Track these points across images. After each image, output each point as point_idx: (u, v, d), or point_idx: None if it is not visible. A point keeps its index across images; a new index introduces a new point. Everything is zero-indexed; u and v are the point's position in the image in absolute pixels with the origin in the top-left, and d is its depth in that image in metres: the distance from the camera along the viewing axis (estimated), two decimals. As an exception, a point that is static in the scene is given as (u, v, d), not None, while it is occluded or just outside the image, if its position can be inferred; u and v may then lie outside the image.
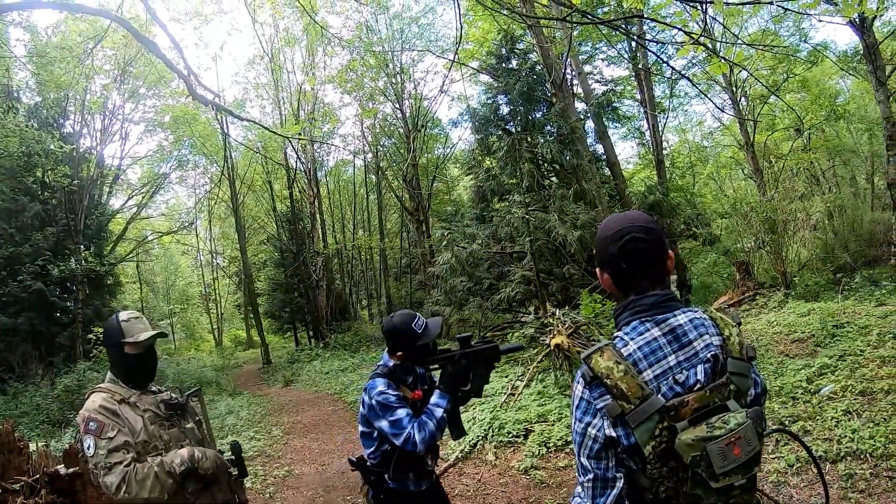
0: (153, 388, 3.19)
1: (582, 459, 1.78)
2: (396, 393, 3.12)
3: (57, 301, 19.40)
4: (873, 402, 5.80)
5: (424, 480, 3.30)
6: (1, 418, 9.34)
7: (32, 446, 5.29)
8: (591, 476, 1.75)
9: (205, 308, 44.79)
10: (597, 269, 2.01)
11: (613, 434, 1.71)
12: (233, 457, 3.21)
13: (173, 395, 3.22)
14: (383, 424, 3.04)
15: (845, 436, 5.25)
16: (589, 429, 1.76)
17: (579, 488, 1.79)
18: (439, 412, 3.00)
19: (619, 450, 1.73)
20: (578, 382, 1.81)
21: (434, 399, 3.06)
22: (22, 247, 18.57)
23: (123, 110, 24.69)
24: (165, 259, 42.50)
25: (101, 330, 16.67)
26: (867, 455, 5.05)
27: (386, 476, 3.18)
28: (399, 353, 3.28)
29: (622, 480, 1.73)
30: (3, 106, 15.70)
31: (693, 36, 6.29)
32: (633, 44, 19.96)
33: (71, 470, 4.88)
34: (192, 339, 44.80)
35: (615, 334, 1.89)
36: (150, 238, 33.13)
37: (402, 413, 3.04)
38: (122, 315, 3.12)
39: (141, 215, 29.78)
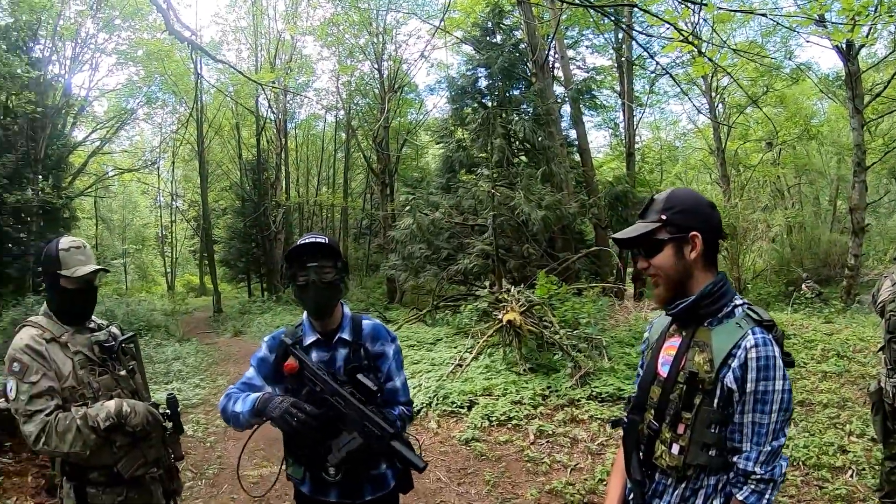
0: (91, 325, 2.94)
1: (780, 424, 1.76)
2: (265, 355, 2.59)
3: (10, 231, 18.87)
4: (811, 413, 6.03)
5: (328, 490, 2.50)
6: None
7: (-28, 379, 5.16)
8: (783, 442, 1.77)
9: (160, 250, 44.12)
10: (693, 234, 1.88)
11: None
12: (168, 411, 2.93)
13: (112, 333, 2.96)
14: None
15: (781, 443, 5.43)
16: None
17: (760, 454, 1.75)
18: (238, 408, 2.43)
19: None
20: (773, 345, 1.78)
21: (251, 396, 2.43)
22: (-23, 173, 17.97)
23: (96, 40, 23.78)
24: (124, 197, 41.58)
25: (42, 266, 16.07)
26: (800, 463, 5.30)
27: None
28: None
29: None
30: (-28, 25, 15.17)
31: (683, 34, 6.33)
32: (620, 35, 20.03)
33: (11, 406, 4.83)
34: (144, 280, 44.16)
35: (737, 301, 1.91)
36: (110, 174, 32.26)
37: (247, 373, 2.61)
38: (63, 242, 2.84)
39: (104, 150, 28.93)
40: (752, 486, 1.74)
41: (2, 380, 3.92)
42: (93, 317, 3.02)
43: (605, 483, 5.17)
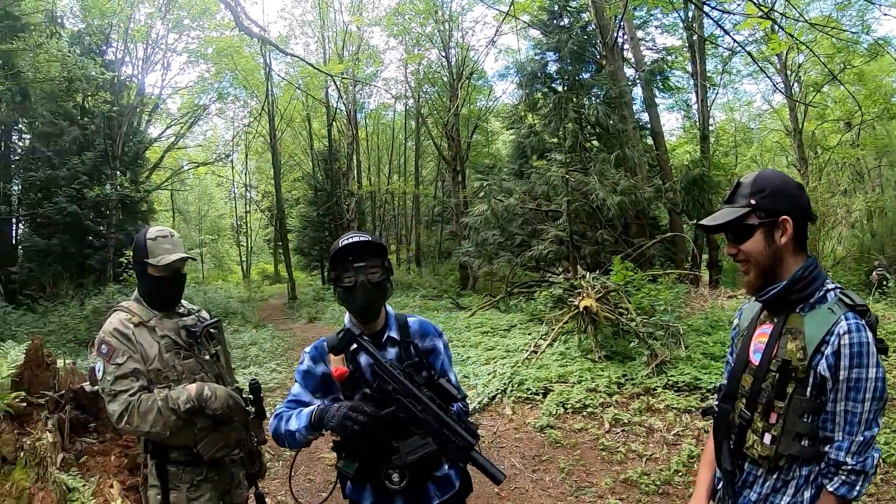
0: (181, 310, 3.06)
1: (873, 413, 1.71)
2: (308, 367, 2.45)
3: (90, 225, 19.76)
4: (892, 409, 5.75)
5: (392, 500, 2.31)
6: (31, 335, 9.62)
7: (60, 363, 5.38)
8: (876, 432, 1.73)
9: (235, 240, 45.34)
10: (783, 218, 1.84)
11: None
12: (251, 396, 3.00)
13: (201, 318, 3.09)
14: None
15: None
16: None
17: (852, 444, 1.71)
18: (293, 426, 2.25)
19: None
20: (866, 331, 1.73)
21: (305, 411, 2.27)
22: (59, 170, 18.82)
23: (166, 40, 24.58)
24: (199, 189, 42.82)
25: (132, 255, 16.82)
26: (881, 460, 5.01)
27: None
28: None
29: None
30: (47, 31, 15.74)
31: (763, 8, 6.11)
32: (690, 13, 19.46)
33: (96, 388, 4.94)
34: (220, 269, 45.41)
35: (829, 286, 1.86)
36: (185, 168, 33.27)
37: (293, 390, 2.44)
38: (151, 232, 2.95)
39: (178, 145, 29.84)
40: (843, 477, 1.70)
41: (92, 362, 4.07)
42: (184, 302, 3.12)
43: (680, 474, 5.09)
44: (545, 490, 5.23)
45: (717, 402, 2.07)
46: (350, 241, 2.29)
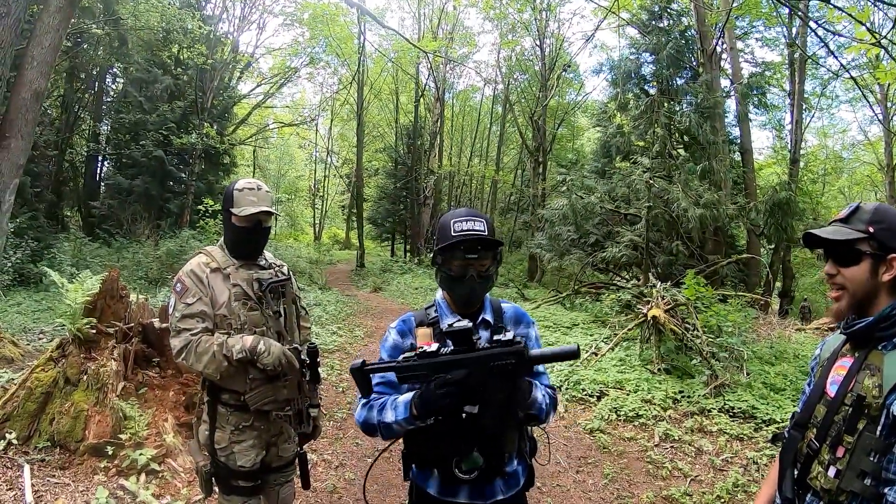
0: (262, 262, 3.13)
1: None
2: (395, 341, 2.31)
3: (173, 170, 20.48)
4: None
5: (457, 490, 2.20)
6: (105, 267, 10.00)
7: (133, 297, 5.59)
8: None
9: (310, 202, 45.98)
10: (893, 256, 1.79)
11: None
12: (307, 359, 3.02)
13: (281, 274, 3.15)
14: None
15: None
16: None
17: None
18: (389, 417, 2.07)
19: None
20: None
21: (401, 399, 2.09)
22: (149, 115, 19.50)
23: (265, 1, 25.09)
24: (282, 149, 43.64)
25: (210, 202, 17.77)
26: None
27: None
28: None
29: None
30: (147, -19, 16.18)
31: (875, 35, 5.93)
32: (794, 29, 18.84)
33: (164, 325, 5.19)
34: (293, 229, 46.26)
35: None
36: (270, 126, 33.89)
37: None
38: (239, 183, 3.04)
39: (266, 104, 30.43)
40: None
41: (164, 299, 4.22)
42: (268, 255, 3.25)
43: (722, 500, 5.04)
44: (586, 493, 5.25)
45: (788, 429, 2.06)
46: (468, 230, 2.15)
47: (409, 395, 2.05)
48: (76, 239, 15.62)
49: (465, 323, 1.90)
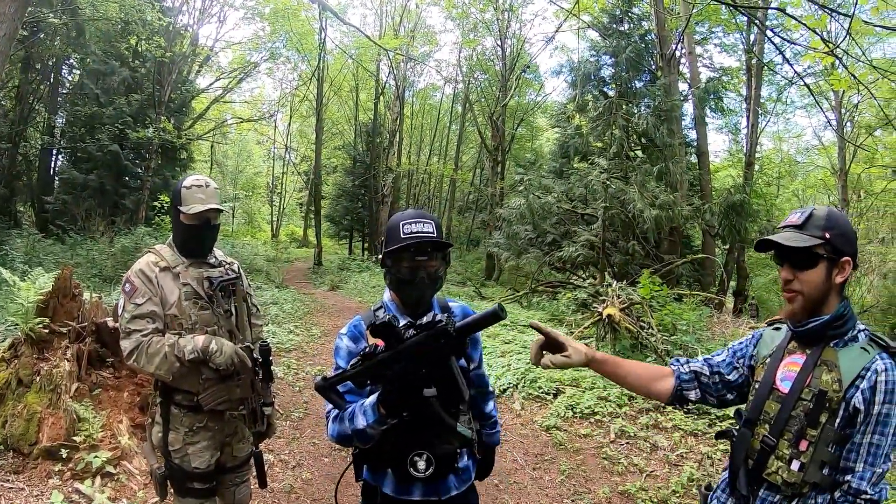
0: (212, 260, 3.12)
1: (891, 448, 1.80)
2: (349, 347, 2.25)
3: (129, 165, 19.94)
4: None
5: (411, 488, 2.22)
6: (58, 265, 9.75)
7: (86, 296, 5.47)
8: (889, 466, 1.81)
9: (268, 199, 45.68)
10: (846, 259, 1.91)
11: None
12: (259, 357, 3.00)
13: (231, 272, 3.13)
14: None
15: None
16: None
17: (873, 475, 1.79)
18: (360, 423, 2.00)
19: None
20: (894, 370, 1.82)
21: (367, 403, 2.02)
22: (105, 108, 19.01)
23: (226, -6, 24.73)
24: (240, 145, 42.99)
25: (166, 199, 17.44)
26: None
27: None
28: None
29: None
30: (107, -29, 15.85)
31: (829, 45, 6.05)
32: (752, 36, 19.21)
33: (118, 324, 5.10)
34: (250, 226, 45.74)
35: (860, 327, 1.95)
36: (229, 121, 33.46)
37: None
38: (187, 181, 2.99)
39: (225, 98, 29.98)
40: None
41: (116, 299, 4.15)
42: (218, 253, 3.21)
43: (677, 495, 5.08)
44: (543, 489, 5.27)
45: (737, 427, 2.11)
46: (417, 233, 2.12)
47: (373, 397, 2.01)
48: (29, 235, 15.18)
49: (383, 316, 1.83)
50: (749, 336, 2.28)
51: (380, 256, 2.30)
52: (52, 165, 21.40)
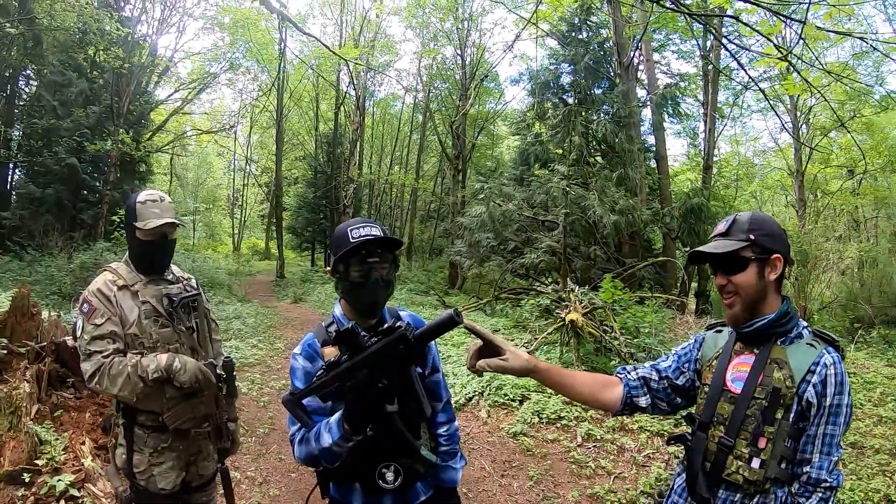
0: (170, 276, 3.05)
1: (841, 436, 1.87)
2: (305, 367, 2.18)
3: (87, 179, 19.56)
4: (861, 457, 5.82)
5: (381, 499, 2.18)
6: (15, 283, 9.53)
7: (45, 314, 5.39)
8: (841, 453, 1.88)
9: (229, 212, 45.26)
10: (776, 256, 1.97)
11: None
12: (223, 373, 2.98)
13: (189, 287, 3.07)
14: None
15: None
16: None
17: (829, 464, 1.86)
18: (326, 441, 1.95)
19: None
20: (842, 363, 1.91)
21: (332, 420, 1.97)
22: (62, 121, 18.63)
23: (185, 3, 24.44)
24: (200, 157, 42.56)
25: (124, 216, 16.77)
26: None
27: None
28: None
29: None
30: (65, -20, 15.60)
31: (781, 51, 6.16)
32: (708, 43, 19.57)
33: (77, 344, 4.99)
34: (211, 239, 45.26)
35: (802, 323, 2.03)
36: (188, 134, 33.09)
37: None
38: (142, 195, 2.92)
39: (184, 110, 29.64)
40: (821, 494, 1.83)
41: (74, 317, 4.09)
42: (175, 269, 3.14)
43: (646, 495, 5.12)
44: (512, 496, 5.26)
45: (691, 431, 2.12)
46: (366, 235, 2.10)
47: (338, 414, 1.96)
48: (-17, 252, 14.80)
49: (347, 324, 1.84)
50: (691, 341, 2.32)
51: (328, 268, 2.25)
52: (10, 179, 20.89)
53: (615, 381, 2.25)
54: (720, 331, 2.22)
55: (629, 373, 2.26)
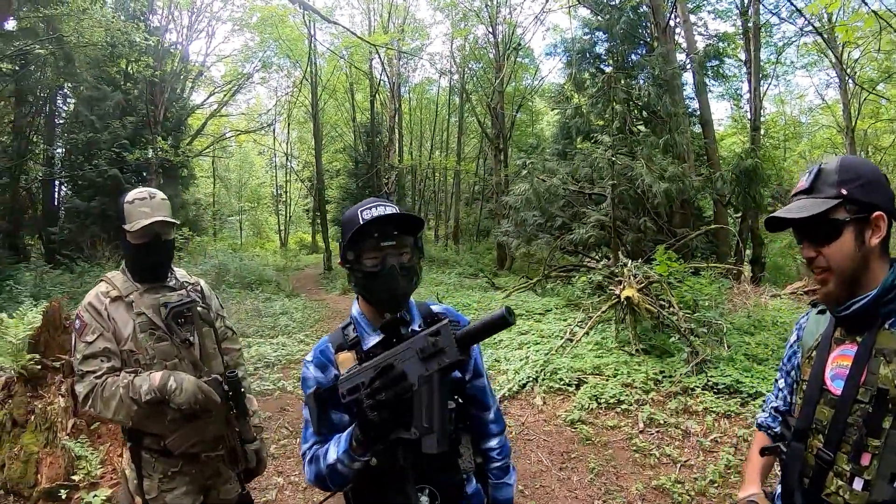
0: (171, 282, 2.76)
1: None
2: (316, 377, 1.89)
3: (130, 188, 19.76)
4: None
5: None
6: (60, 295, 9.60)
7: (80, 325, 5.30)
8: None
9: (274, 209, 45.74)
10: (878, 214, 1.50)
11: None
12: (227, 389, 2.63)
13: (192, 293, 2.76)
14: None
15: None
16: None
17: None
18: (332, 456, 1.72)
19: None
20: None
21: (345, 433, 1.72)
22: (101, 134, 18.93)
23: (211, 8, 24.72)
24: (241, 157, 43.17)
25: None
26: None
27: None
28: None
29: None
30: (90, -3, 15.73)
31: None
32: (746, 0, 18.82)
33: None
34: (258, 237, 45.77)
35: None
36: (227, 135, 33.51)
37: (307, 416, 1.83)
38: (130, 195, 2.68)
39: (221, 112, 30.12)
40: None
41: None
42: (179, 273, 2.85)
43: (716, 485, 4.80)
44: (572, 491, 4.99)
45: (786, 441, 1.71)
46: (378, 213, 1.79)
47: (346, 433, 1.70)
48: (37, 267, 15.15)
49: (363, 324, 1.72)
50: (793, 330, 1.87)
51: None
52: (56, 195, 21.40)
53: (762, 440, 1.93)
54: (824, 310, 1.73)
55: (765, 418, 1.96)
